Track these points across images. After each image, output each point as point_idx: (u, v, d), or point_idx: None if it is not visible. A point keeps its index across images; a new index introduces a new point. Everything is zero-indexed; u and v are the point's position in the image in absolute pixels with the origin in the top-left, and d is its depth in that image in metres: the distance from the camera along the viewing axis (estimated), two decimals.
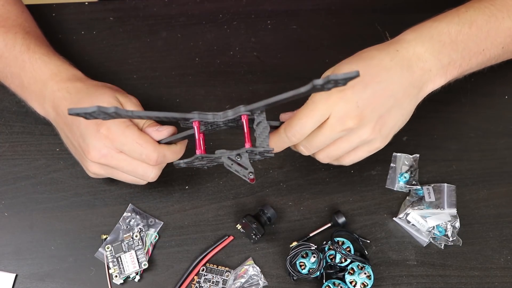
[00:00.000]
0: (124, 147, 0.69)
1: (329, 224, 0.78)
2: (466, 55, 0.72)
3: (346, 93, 0.65)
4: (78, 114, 0.56)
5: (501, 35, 0.74)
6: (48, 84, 0.74)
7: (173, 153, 0.71)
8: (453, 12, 0.74)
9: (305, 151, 0.69)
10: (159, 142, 0.70)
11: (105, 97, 0.71)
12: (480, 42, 0.73)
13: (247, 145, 0.65)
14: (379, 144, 0.69)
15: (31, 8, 0.90)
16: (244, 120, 0.64)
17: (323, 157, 0.70)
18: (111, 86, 0.75)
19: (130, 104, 0.73)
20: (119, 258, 0.75)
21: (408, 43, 0.70)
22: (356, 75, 0.53)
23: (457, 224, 0.78)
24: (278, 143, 0.68)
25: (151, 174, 0.71)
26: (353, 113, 0.65)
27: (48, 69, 0.75)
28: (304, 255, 0.75)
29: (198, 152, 0.65)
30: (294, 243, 0.76)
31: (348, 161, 0.71)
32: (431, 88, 0.71)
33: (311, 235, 0.78)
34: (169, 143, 0.71)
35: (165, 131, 0.70)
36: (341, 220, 0.77)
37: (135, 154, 0.69)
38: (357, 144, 0.68)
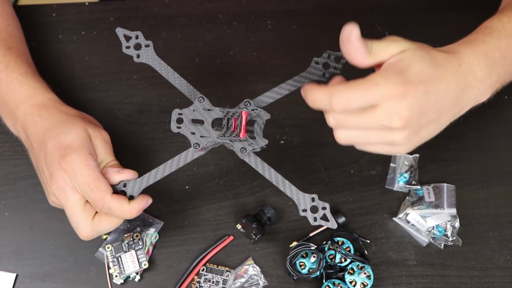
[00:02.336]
0: (78, 186, 0.68)
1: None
2: (509, 69, 0.70)
3: (409, 91, 0.60)
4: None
5: None
6: (21, 107, 0.73)
7: (121, 209, 0.68)
8: (497, 23, 0.70)
9: (332, 122, 0.63)
10: (117, 187, 0.69)
11: (75, 127, 0.70)
12: None
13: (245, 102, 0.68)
14: (402, 150, 0.66)
15: (32, 8, 0.90)
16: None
17: (343, 138, 0.64)
18: (85, 117, 0.74)
19: (100, 139, 0.71)
20: (119, 258, 0.75)
21: (468, 59, 0.66)
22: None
23: (457, 224, 0.78)
24: (316, 98, 0.62)
25: (82, 231, 0.69)
26: (404, 114, 0.61)
27: (23, 91, 0.74)
28: (304, 255, 0.76)
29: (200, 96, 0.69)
30: (294, 243, 0.76)
31: (362, 148, 0.66)
32: (470, 106, 0.69)
33: (311, 235, 0.78)
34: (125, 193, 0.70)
35: (124, 175, 0.69)
36: (341, 220, 0.77)
37: (85, 195, 0.68)
38: (384, 143, 0.64)
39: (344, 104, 0.61)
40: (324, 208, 0.68)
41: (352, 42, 0.60)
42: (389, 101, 0.60)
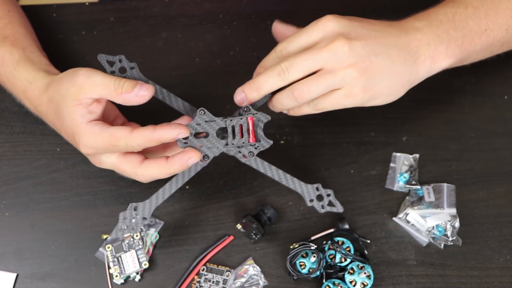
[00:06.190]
0: (105, 152, 0.70)
1: (332, 230, 0.78)
2: (467, 34, 0.72)
3: (341, 20, 0.68)
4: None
5: (501, 15, 0.74)
6: (26, 101, 0.75)
7: (145, 139, 0.67)
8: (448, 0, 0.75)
9: (284, 71, 0.67)
10: None
11: (68, 109, 0.68)
12: (480, 21, 0.73)
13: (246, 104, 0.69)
14: (358, 91, 0.67)
15: (32, 9, 0.90)
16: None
17: (300, 92, 0.67)
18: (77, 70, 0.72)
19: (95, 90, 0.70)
20: (119, 258, 0.75)
21: (406, 19, 0.72)
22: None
23: (457, 224, 0.78)
24: (269, 59, 0.71)
25: (139, 178, 0.70)
26: (344, 35, 0.67)
27: (18, 87, 0.74)
28: (304, 255, 0.76)
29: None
30: (294, 244, 0.76)
31: (324, 105, 0.68)
32: (429, 63, 0.70)
33: (312, 238, 0.78)
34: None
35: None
36: (345, 227, 0.77)
37: (113, 151, 0.70)
38: (339, 81, 0.66)
39: (285, 47, 0.69)
40: (328, 195, 0.72)
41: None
42: (325, 31, 0.68)
